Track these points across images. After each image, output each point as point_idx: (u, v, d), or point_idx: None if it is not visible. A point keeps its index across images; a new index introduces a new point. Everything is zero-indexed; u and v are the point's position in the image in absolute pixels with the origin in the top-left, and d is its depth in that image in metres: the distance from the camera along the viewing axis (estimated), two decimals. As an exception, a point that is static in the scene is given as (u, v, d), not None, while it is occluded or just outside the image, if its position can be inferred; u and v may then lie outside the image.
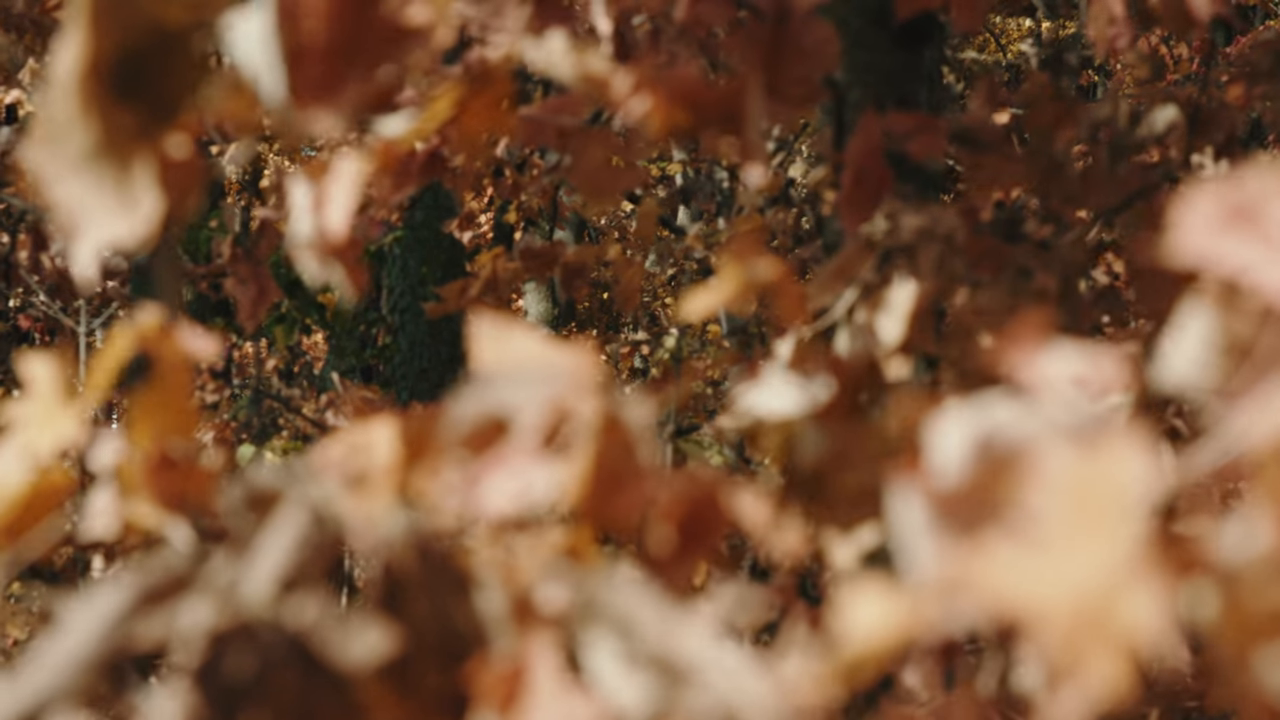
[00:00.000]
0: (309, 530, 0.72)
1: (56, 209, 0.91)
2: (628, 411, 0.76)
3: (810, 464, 0.91)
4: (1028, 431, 0.62)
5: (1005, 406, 0.63)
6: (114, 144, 0.89)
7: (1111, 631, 0.59)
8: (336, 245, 1.13)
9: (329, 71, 0.98)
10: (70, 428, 0.93)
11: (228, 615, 0.68)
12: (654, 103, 1.15)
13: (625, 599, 0.70)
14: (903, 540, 0.64)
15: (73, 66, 0.89)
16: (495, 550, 0.74)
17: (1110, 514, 0.60)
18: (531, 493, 0.75)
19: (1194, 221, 0.65)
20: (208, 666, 0.67)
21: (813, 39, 1.51)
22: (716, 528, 0.84)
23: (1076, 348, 0.64)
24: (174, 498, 0.89)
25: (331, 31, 0.98)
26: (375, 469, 0.77)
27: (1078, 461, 0.61)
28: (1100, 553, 0.59)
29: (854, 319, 1.34)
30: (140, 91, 0.91)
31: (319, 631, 0.70)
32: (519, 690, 0.71)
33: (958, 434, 0.63)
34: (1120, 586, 0.60)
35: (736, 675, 0.68)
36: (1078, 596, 0.59)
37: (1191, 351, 0.64)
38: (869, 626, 0.65)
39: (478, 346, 0.85)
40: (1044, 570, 0.60)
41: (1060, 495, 0.61)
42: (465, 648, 0.72)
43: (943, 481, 0.63)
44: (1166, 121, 2.00)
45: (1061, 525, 0.60)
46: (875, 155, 1.69)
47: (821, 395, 0.91)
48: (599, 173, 1.83)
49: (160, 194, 0.90)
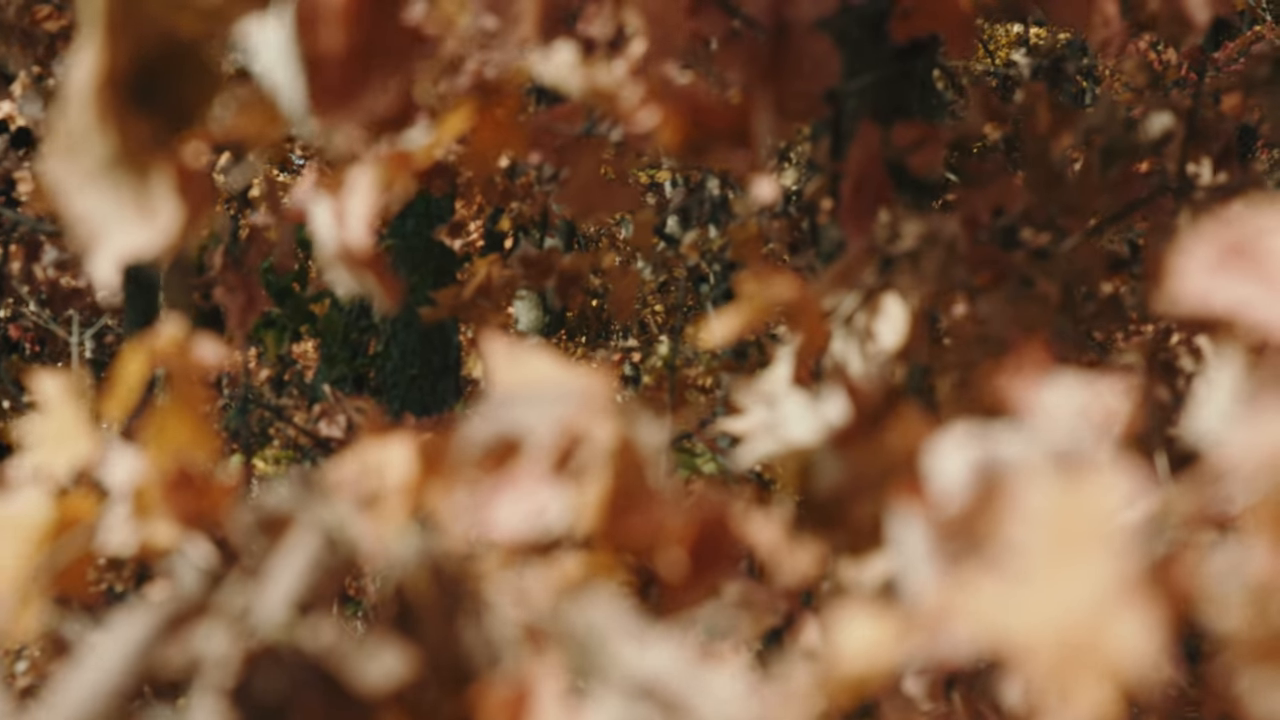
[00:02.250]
0: (321, 553, 0.72)
1: (74, 221, 0.90)
2: (641, 433, 0.76)
3: (826, 491, 0.91)
4: (1014, 459, 0.62)
5: (1004, 433, 0.63)
6: (131, 154, 0.89)
7: (1097, 660, 0.59)
8: (363, 257, 1.13)
9: (347, 80, 0.99)
10: (86, 447, 0.92)
11: (246, 640, 0.68)
12: (663, 117, 1.15)
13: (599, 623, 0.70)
14: (902, 564, 0.65)
15: (88, 77, 0.89)
16: (506, 574, 0.74)
17: (1093, 543, 0.60)
18: (544, 516, 0.75)
19: (1193, 261, 0.66)
20: (240, 689, 0.67)
21: (814, 53, 1.51)
22: (729, 551, 0.83)
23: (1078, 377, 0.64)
24: (192, 515, 0.89)
25: (351, 39, 0.98)
26: (387, 490, 0.77)
27: (1060, 491, 0.61)
28: (1083, 582, 0.59)
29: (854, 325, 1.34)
30: (156, 101, 0.91)
31: (336, 654, 0.70)
32: (523, 715, 0.71)
33: (956, 460, 0.63)
34: (1105, 615, 0.60)
35: (721, 699, 0.68)
36: (1061, 626, 0.59)
37: (1222, 405, 0.65)
38: (860, 649, 0.66)
39: (490, 367, 0.85)
40: (1026, 601, 0.60)
41: (1043, 525, 0.61)
42: (474, 671, 0.72)
43: (940, 508, 0.64)
44: (1162, 128, 2.00)
45: (1044, 555, 0.61)
46: (875, 165, 1.69)
47: (837, 418, 0.91)
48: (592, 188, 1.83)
49: (178, 203, 0.90)
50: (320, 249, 1.15)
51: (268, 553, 0.73)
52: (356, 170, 1.11)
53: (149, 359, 0.95)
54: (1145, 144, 1.91)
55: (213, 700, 0.68)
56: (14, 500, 0.91)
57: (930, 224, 1.52)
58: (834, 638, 0.65)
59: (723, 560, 0.83)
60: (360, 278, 1.14)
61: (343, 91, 1.00)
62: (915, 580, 0.64)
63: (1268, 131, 2.54)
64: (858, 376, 0.98)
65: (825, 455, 0.90)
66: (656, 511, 0.77)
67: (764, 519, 0.85)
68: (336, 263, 1.13)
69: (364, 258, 1.13)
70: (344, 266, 1.13)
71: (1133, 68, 2.20)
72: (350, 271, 1.13)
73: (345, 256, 1.13)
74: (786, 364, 0.97)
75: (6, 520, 0.91)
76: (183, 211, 0.91)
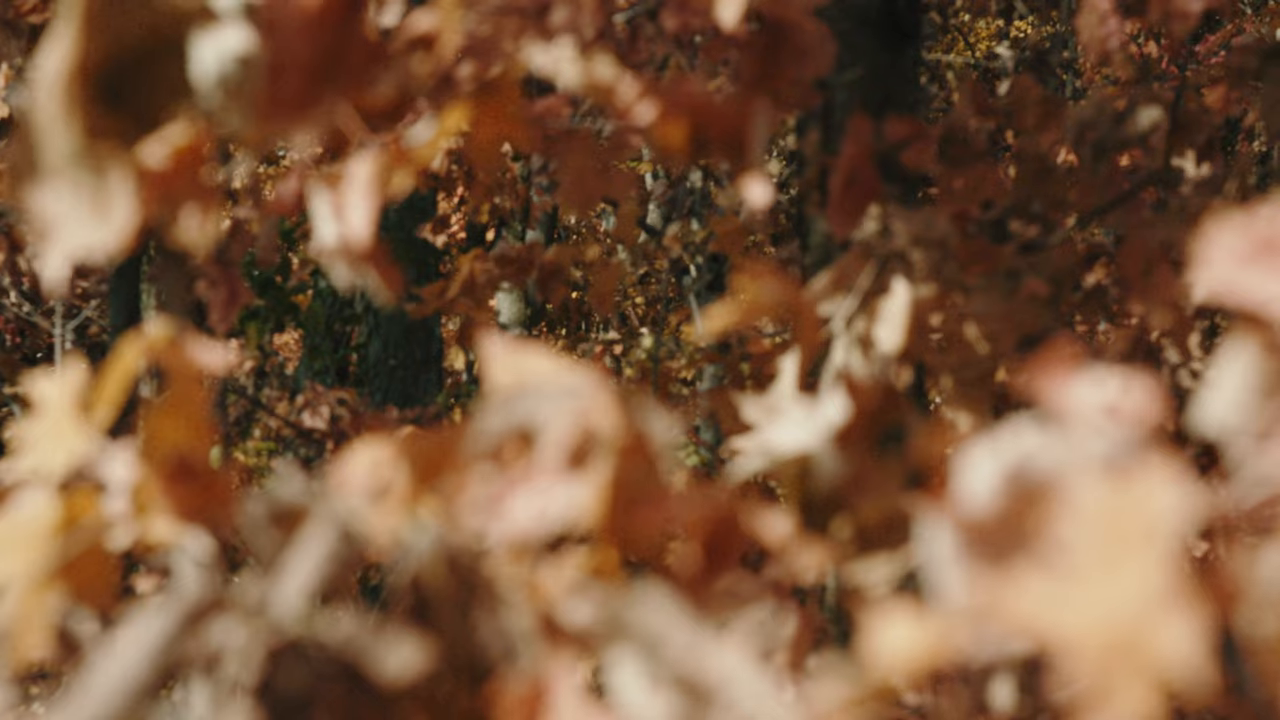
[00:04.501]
0: (337, 546, 0.72)
1: (32, 213, 0.90)
2: (653, 427, 0.76)
3: (826, 493, 0.91)
4: (1058, 462, 0.62)
5: (1034, 436, 0.63)
6: (93, 149, 0.89)
7: (1144, 659, 0.59)
8: (364, 250, 1.12)
9: (307, 88, 0.98)
10: (82, 444, 0.92)
11: (267, 633, 0.68)
12: (659, 113, 1.15)
13: (653, 617, 0.70)
14: (932, 568, 0.64)
15: (60, 67, 0.88)
16: (519, 567, 0.74)
17: (1142, 543, 0.60)
18: (556, 510, 0.75)
19: (1218, 255, 0.66)
20: (264, 682, 0.67)
21: (808, 42, 1.51)
22: (739, 546, 0.83)
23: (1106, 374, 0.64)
24: (192, 510, 0.88)
25: (313, 48, 0.97)
26: (400, 484, 0.76)
27: (1110, 492, 0.61)
28: (1132, 582, 0.59)
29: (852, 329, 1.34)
30: (123, 99, 0.90)
31: (355, 645, 0.70)
32: (540, 710, 0.71)
33: (989, 465, 0.63)
34: (1153, 615, 0.60)
35: (765, 698, 0.68)
36: (1109, 625, 0.59)
37: (1231, 394, 0.65)
38: (898, 649, 0.65)
39: (486, 364, 0.84)
40: (1076, 599, 0.60)
41: (1092, 525, 0.61)
42: (490, 667, 0.72)
43: (972, 511, 0.64)
44: (1151, 121, 2.00)
45: (1093, 555, 0.61)
46: (866, 160, 1.69)
47: (837, 420, 0.91)
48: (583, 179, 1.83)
49: (136, 204, 0.89)
50: (320, 242, 1.15)
51: (280, 546, 0.72)
52: (356, 164, 1.11)
53: (144, 353, 0.94)
54: (1134, 137, 1.91)
55: (238, 694, 0.68)
56: (22, 505, 0.91)
57: (922, 220, 1.52)
58: (871, 638, 0.65)
59: (733, 556, 0.83)
60: (360, 271, 1.13)
61: (300, 100, 0.99)
62: (946, 581, 0.64)
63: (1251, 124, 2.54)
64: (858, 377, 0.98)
65: (825, 456, 0.90)
66: (669, 506, 0.77)
67: (775, 515, 0.85)
68: (336, 256, 1.13)
69: (364, 251, 1.13)
70: (344, 260, 1.13)
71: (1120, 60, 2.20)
72: (350, 265, 1.13)
73: (345, 250, 1.12)
74: (791, 374, 0.97)
75: (17, 527, 0.90)
76: (141, 212, 0.91)
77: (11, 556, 0.89)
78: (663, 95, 1.15)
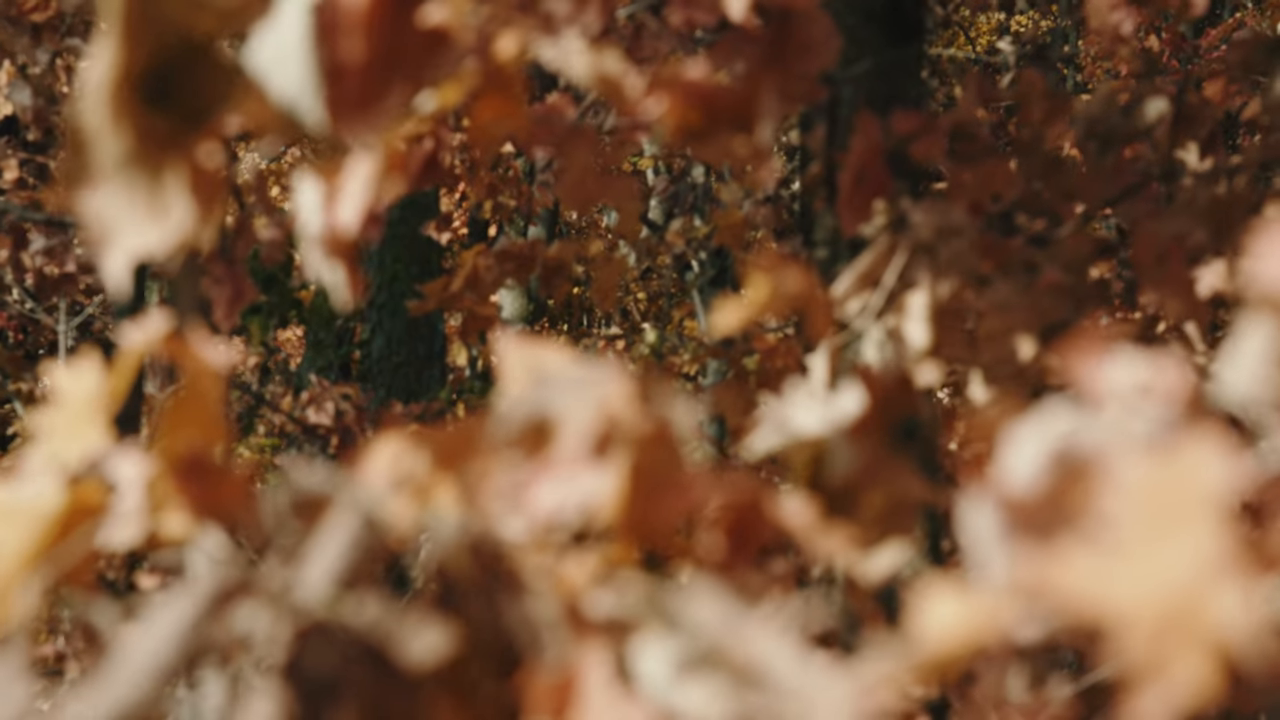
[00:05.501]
0: (361, 533, 0.72)
1: (87, 219, 0.90)
2: (677, 416, 0.76)
3: (838, 481, 0.91)
4: (1102, 439, 0.62)
5: (1074, 415, 0.64)
6: (145, 152, 0.89)
7: (1198, 630, 0.59)
8: (345, 244, 1.12)
9: (368, 87, 0.98)
10: (98, 438, 0.92)
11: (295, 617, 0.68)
12: (669, 104, 1.15)
13: (692, 602, 0.70)
14: (974, 546, 0.65)
15: (106, 75, 0.89)
16: (543, 556, 0.74)
17: (1190, 516, 0.60)
18: (581, 497, 0.75)
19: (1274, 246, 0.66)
20: (291, 665, 0.68)
21: (815, 36, 1.51)
22: (761, 533, 0.83)
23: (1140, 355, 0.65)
24: (207, 506, 0.89)
25: (371, 47, 0.97)
26: (424, 472, 0.77)
27: (1156, 466, 0.61)
28: (1182, 554, 0.59)
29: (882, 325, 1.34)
30: (171, 100, 0.90)
31: (381, 630, 0.70)
32: (570, 699, 0.71)
33: (1033, 444, 0.64)
34: (1205, 585, 0.60)
35: (812, 678, 0.68)
36: (1162, 597, 0.59)
37: (1251, 366, 0.65)
38: (947, 627, 0.66)
39: (505, 361, 0.85)
40: (1126, 573, 0.60)
41: (1139, 500, 0.61)
42: (517, 656, 0.72)
43: (1016, 489, 0.64)
44: (1158, 113, 2.00)
45: (1141, 529, 0.61)
46: (875, 155, 1.69)
47: (851, 409, 0.91)
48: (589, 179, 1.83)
49: (191, 202, 0.90)
50: (300, 229, 1.15)
51: (303, 536, 0.73)
52: (356, 157, 1.11)
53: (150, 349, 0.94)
54: (1141, 130, 1.91)
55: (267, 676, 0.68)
56: (25, 486, 0.91)
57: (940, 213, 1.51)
58: (919, 617, 0.65)
59: (756, 543, 0.83)
60: (331, 267, 1.13)
61: (363, 99, 0.99)
62: (990, 559, 0.64)
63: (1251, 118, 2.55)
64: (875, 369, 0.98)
65: (839, 445, 0.91)
66: (694, 492, 0.77)
67: (798, 503, 0.85)
68: (315, 246, 1.13)
69: (344, 246, 1.13)
70: (322, 251, 1.13)
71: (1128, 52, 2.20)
72: (326, 258, 1.13)
73: (328, 241, 1.12)
74: (821, 370, 0.97)
75: (15, 504, 0.91)
76: (195, 210, 0.91)
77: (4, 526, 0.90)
78: (670, 86, 1.15)
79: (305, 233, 1.15)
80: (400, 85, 1.02)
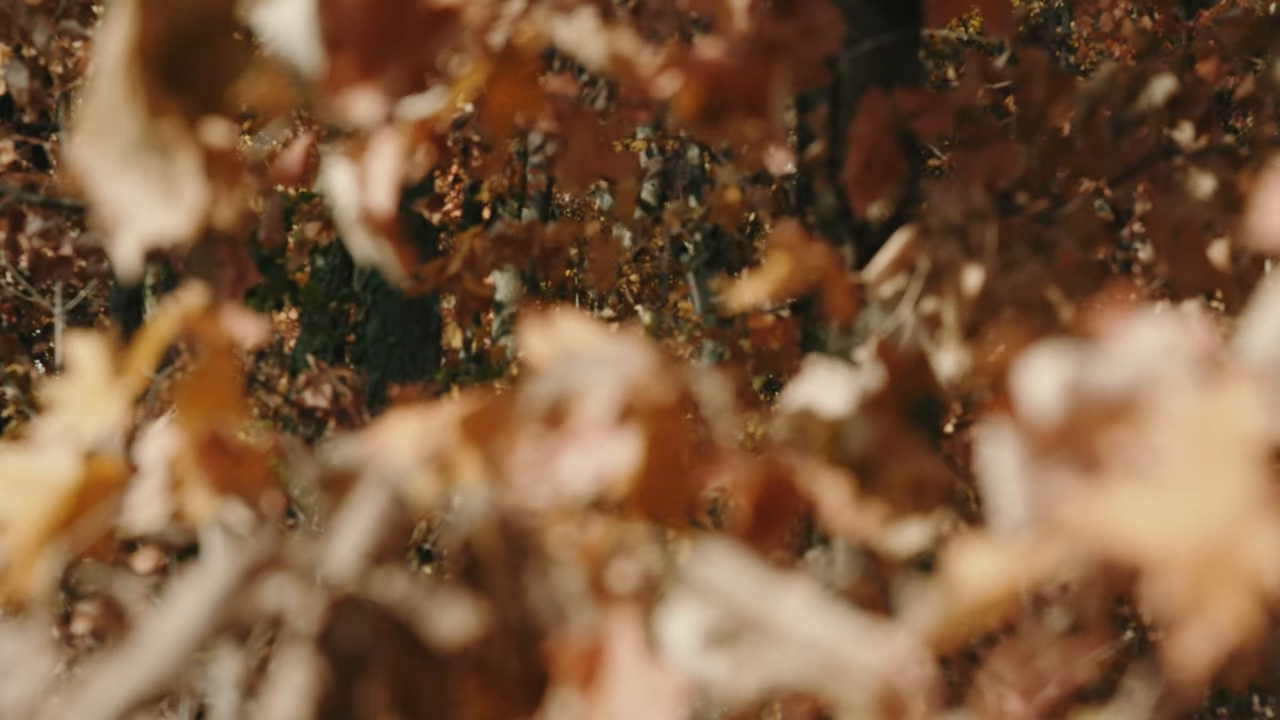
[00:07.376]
0: (389, 508, 0.73)
1: (100, 202, 0.90)
2: (705, 388, 0.76)
3: (857, 457, 0.91)
4: (1136, 373, 0.62)
5: (1097, 354, 0.64)
6: (159, 134, 0.89)
7: (1238, 568, 0.59)
8: (385, 222, 1.12)
9: (369, 58, 0.98)
10: (115, 412, 0.92)
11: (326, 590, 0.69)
12: (683, 84, 1.15)
13: (717, 567, 0.71)
14: (996, 485, 0.64)
15: (119, 51, 0.89)
16: (568, 528, 0.74)
17: (1231, 455, 0.60)
18: (606, 467, 0.76)
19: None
20: (323, 637, 0.68)
21: (819, 19, 1.51)
22: (792, 507, 0.84)
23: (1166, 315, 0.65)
24: (227, 483, 0.89)
25: (372, 18, 0.98)
26: (450, 447, 0.77)
27: (1200, 402, 0.61)
28: (1223, 491, 0.59)
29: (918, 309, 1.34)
30: (185, 80, 0.90)
31: (409, 604, 0.71)
32: (599, 668, 0.71)
33: (1050, 376, 0.63)
34: (1243, 525, 0.60)
35: (840, 636, 0.68)
36: (1202, 534, 0.59)
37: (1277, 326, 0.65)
38: (984, 574, 0.66)
39: (528, 337, 0.85)
40: (1167, 509, 0.60)
41: (1182, 436, 0.61)
42: (543, 627, 0.72)
43: (1037, 420, 0.63)
44: (1165, 93, 2.01)
45: (1183, 465, 0.61)
46: (885, 135, 1.69)
47: (871, 386, 0.91)
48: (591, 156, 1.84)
49: (204, 184, 0.90)
50: (340, 214, 1.15)
51: (331, 510, 0.73)
52: (380, 136, 1.11)
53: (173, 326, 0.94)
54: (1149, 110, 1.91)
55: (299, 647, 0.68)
56: (42, 457, 0.91)
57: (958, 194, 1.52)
58: (953, 568, 0.65)
59: (787, 517, 0.84)
60: (379, 244, 1.14)
61: (363, 70, 0.99)
62: (1013, 496, 0.64)
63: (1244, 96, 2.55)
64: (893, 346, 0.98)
65: (857, 422, 0.91)
66: (723, 466, 0.77)
67: (830, 478, 0.85)
68: (357, 227, 1.13)
69: (384, 224, 1.13)
70: (365, 231, 1.13)
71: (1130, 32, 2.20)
72: (371, 237, 1.13)
73: (368, 221, 1.13)
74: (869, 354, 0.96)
75: (32, 474, 0.91)
76: (208, 193, 0.91)
77: (20, 495, 0.90)
78: (685, 65, 1.16)
79: (345, 217, 1.16)
80: (400, 60, 1.02)
